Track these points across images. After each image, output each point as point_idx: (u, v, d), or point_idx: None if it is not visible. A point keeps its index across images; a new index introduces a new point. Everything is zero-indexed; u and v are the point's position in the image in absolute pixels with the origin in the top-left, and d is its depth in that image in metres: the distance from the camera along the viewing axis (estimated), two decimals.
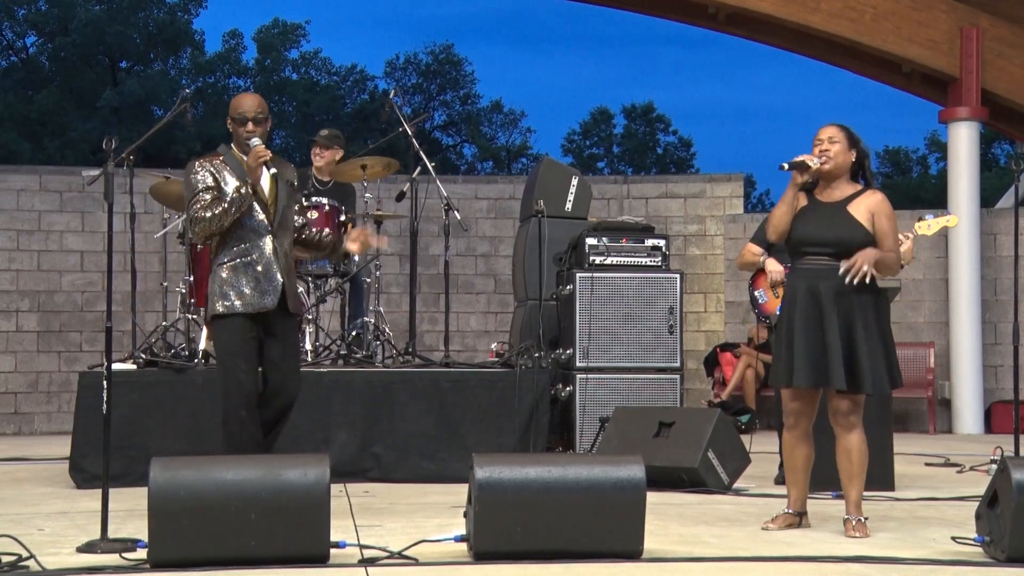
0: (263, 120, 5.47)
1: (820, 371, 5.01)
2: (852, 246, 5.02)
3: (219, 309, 5.40)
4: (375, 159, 8.24)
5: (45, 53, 32.84)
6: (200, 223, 5.36)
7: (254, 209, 5.42)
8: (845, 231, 5.04)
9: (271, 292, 5.40)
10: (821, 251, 5.07)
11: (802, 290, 5.08)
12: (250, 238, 5.41)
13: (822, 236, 5.06)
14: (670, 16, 12.18)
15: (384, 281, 8.86)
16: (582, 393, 7.73)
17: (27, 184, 11.58)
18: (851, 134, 5.19)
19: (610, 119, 40.05)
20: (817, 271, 5.06)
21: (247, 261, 5.41)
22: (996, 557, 4.50)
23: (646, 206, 12.35)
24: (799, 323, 5.06)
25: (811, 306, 5.04)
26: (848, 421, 5.09)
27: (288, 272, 5.49)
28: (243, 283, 5.39)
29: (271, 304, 5.40)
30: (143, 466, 4.68)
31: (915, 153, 39.22)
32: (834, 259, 5.03)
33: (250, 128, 5.42)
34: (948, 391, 11.68)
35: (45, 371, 11.47)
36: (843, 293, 4.99)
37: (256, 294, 5.38)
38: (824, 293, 5.01)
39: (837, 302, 5.00)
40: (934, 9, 11.59)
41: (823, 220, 5.08)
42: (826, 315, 5.00)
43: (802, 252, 5.13)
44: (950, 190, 11.76)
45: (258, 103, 5.51)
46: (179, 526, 4.21)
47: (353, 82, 36.95)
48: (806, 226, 5.11)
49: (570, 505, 4.44)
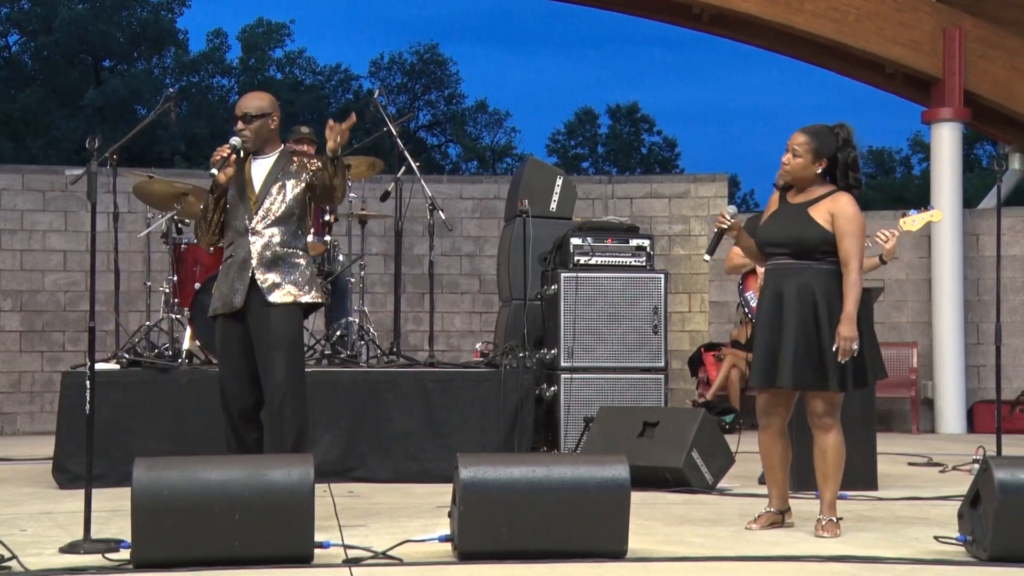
0: (253, 117, 5.35)
1: (771, 370, 5.07)
2: (808, 245, 5.05)
3: (209, 312, 5.47)
4: (360, 159, 8.23)
5: (28, 52, 32.69)
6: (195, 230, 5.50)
7: (239, 208, 5.36)
8: (799, 231, 5.08)
9: (240, 290, 5.30)
10: (781, 251, 5.13)
11: (769, 290, 5.15)
12: (233, 238, 5.39)
13: (780, 236, 5.13)
14: (655, 16, 12.20)
15: (368, 281, 8.84)
16: (567, 393, 7.74)
17: (9, 183, 11.53)
18: (822, 143, 5.09)
19: (595, 119, 40.05)
20: (780, 270, 5.13)
21: (229, 262, 5.40)
22: (978, 556, 4.51)
23: (631, 206, 12.37)
24: (760, 322, 5.16)
25: (773, 306, 5.10)
26: (823, 422, 5.11)
27: (272, 262, 5.28)
28: (223, 284, 5.38)
29: (239, 302, 5.29)
30: (126, 466, 4.66)
31: (898, 154, 39.33)
32: (793, 258, 5.08)
33: (239, 127, 5.37)
34: (931, 391, 11.73)
35: (28, 371, 11.42)
36: (805, 292, 5.03)
37: (228, 293, 5.35)
38: (787, 291, 5.07)
39: (799, 301, 5.03)
40: (917, 10, 11.63)
41: (784, 221, 5.15)
42: (786, 314, 5.05)
43: (767, 253, 5.21)
44: (933, 191, 11.80)
45: (250, 101, 5.43)
46: (163, 526, 4.19)
47: (338, 82, 36.89)
48: (769, 228, 5.19)
49: (555, 505, 4.44)
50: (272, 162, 5.42)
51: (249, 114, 5.37)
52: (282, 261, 5.32)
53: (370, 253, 11.24)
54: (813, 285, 5.01)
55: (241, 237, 5.34)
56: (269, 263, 5.31)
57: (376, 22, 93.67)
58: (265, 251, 5.30)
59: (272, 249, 5.32)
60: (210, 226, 5.39)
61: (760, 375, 5.11)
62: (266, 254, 5.30)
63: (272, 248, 5.32)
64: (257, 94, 5.53)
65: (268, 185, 5.35)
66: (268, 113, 5.41)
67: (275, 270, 5.31)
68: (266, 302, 5.28)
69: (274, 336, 5.27)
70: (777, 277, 5.13)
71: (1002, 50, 11.85)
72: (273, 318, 5.28)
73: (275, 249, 5.32)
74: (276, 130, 5.49)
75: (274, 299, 5.28)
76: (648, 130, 40.10)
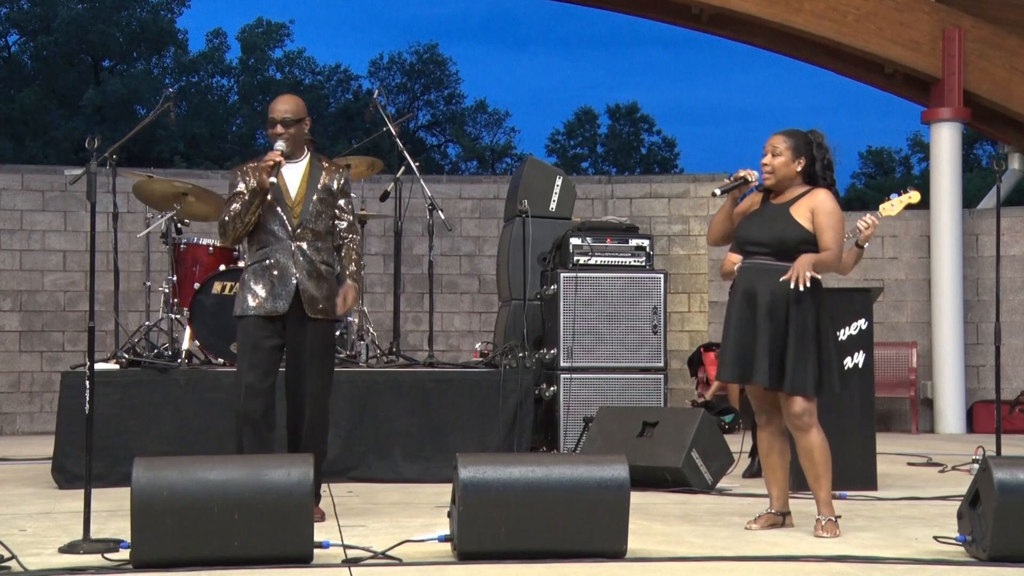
0: (292, 122, 5.47)
1: (745, 367, 5.08)
2: (788, 245, 5.07)
3: (238, 310, 5.50)
4: (359, 159, 8.23)
5: (27, 52, 32.67)
6: (221, 227, 5.51)
7: (276, 212, 5.45)
8: (781, 230, 5.10)
9: (284, 296, 5.43)
10: (760, 250, 5.14)
11: (740, 288, 5.16)
12: (270, 242, 5.47)
13: (762, 236, 5.14)
14: (654, 16, 12.19)
15: (368, 281, 8.85)
16: (566, 393, 7.74)
17: (9, 183, 11.53)
18: (799, 142, 5.16)
19: (594, 119, 40.04)
20: (756, 269, 5.13)
21: (265, 265, 5.46)
22: (978, 556, 4.52)
23: (630, 206, 12.37)
24: (733, 319, 5.16)
25: (746, 303, 5.12)
26: (802, 422, 5.11)
27: (312, 275, 5.46)
28: (259, 286, 5.45)
29: (283, 308, 5.42)
30: (126, 466, 4.66)
31: (898, 154, 39.34)
32: (772, 258, 5.09)
33: (278, 131, 5.47)
34: (930, 391, 11.72)
35: (27, 371, 11.42)
36: (778, 293, 5.04)
37: (269, 297, 5.43)
38: (760, 292, 5.08)
39: (772, 301, 5.05)
40: (916, 10, 11.63)
41: (765, 221, 5.16)
42: (759, 313, 5.07)
43: (746, 251, 5.23)
44: (932, 191, 11.80)
45: (288, 105, 5.53)
46: (162, 526, 4.20)
47: (337, 81, 36.88)
48: (749, 227, 5.20)
49: (554, 505, 4.44)
50: (305, 168, 5.55)
51: (288, 119, 5.48)
52: (321, 277, 5.51)
53: (369, 253, 11.25)
54: (786, 288, 5.00)
55: (280, 243, 5.45)
56: (311, 275, 5.48)
57: (375, 22, 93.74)
58: (308, 263, 5.47)
59: (314, 264, 5.49)
60: (246, 227, 5.47)
61: (731, 371, 5.14)
62: (309, 267, 5.47)
63: (314, 263, 5.49)
64: (291, 98, 5.64)
65: (310, 193, 5.50)
66: (303, 118, 5.55)
67: (315, 284, 5.48)
68: (307, 315, 5.46)
69: (316, 348, 5.53)
70: (751, 276, 5.14)
71: (1001, 50, 11.85)
72: (315, 331, 5.52)
73: (317, 265, 5.50)
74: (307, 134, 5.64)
75: (315, 314, 5.48)
76: (647, 130, 40.10)
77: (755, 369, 5.06)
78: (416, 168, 7.76)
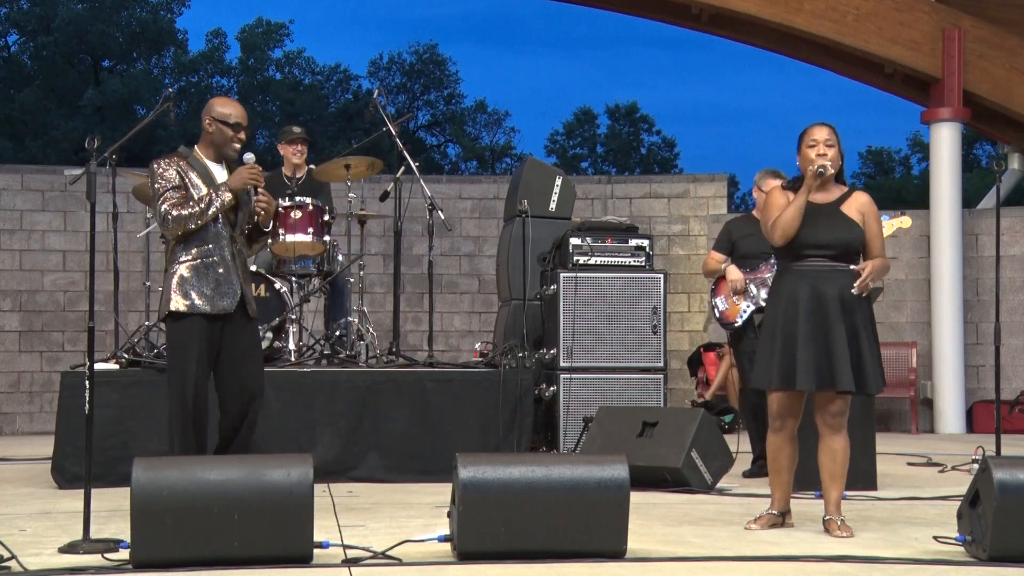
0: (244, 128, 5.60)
1: (825, 373, 5.00)
2: (852, 247, 5.08)
3: (180, 307, 5.41)
4: (359, 159, 8.22)
5: (27, 52, 32.67)
6: (176, 221, 5.40)
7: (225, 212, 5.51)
8: (845, 233, 5.08)
9: (229, 295, 5.47)
10: (823, 253, 5.08)
11: (806, 292, 5.05)
12: (212, 240, 5.48)
13: (824, 238, 5.07)
14: (653, 16, 12.20)
15: (368, 281, 8.84)
16: (566, 393, 7.74)
17: (9, 183, 11.54)
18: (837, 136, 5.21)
19: (594, 119, 40.04)
20: (820, 272, 5.06)
21: (208, 263, 5.46)
22: (978, 556, 4.52)
23: (630, 206, 12.37)
24: (803, 325, 5.03)
25: (816, 308, 5.03)
26: (838, 422, 5.11)
27: (245, 278, 5.57)
28: (203, 284, 5.43)
29: (229, 307, 5.46)
30: (125, 466, 4.66)
31: (897, 154, 39.35)
32: (835, 260, 5.07)
33: (242, 136, 5.53)
34: (930, 391, 11.73)
35: (27, 371, 11.43)
36: (847, 296, 5.02)
37: (216, 295, 5.44)
38: (829, 295, 5.02)
39: (842, 304, 5.02)
40: (916, 10, 11.63)
41: (822, 222, 5.09)
42: (832, 317, 5.00)
43: (803, 255, 5.11)
44: (932, 191, 11.81)
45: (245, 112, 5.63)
46: (162, 526, 4.19)
47: (337, 81, 36.87)
48: (806, 228, 5.08)
49: (554, 505, 4.44)
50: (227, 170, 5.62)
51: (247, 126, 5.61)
52: (249, 278, 5.66)
53: (369, 253, 11.24)
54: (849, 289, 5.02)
55: (221, 241, 5.50)
56: (246, 275, 5.61)
57: (375, 22, 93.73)
58: (243, 264, 5.59)
59: (246, 265, 5.64)
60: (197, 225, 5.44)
61: (811, 378, 4.98)
62: (243, 267, 5.58)
63: (244, 261, 5.61)
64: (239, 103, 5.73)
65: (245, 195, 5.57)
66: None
67: (247, 284, 5.60)
68: (247, 313, 5.56)
69: (257, 348, 5.70)
70: (815, 279, 5.05)
71: (1001, 50, 11.85)
72: (254, 331, 5.67)
73: (244, 262, 5.62)
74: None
75: (253, 313, 5.62)
76: (647, 130, 40.10)
77: (838, 375, 4.97)
78: (416, 168, 7.76)
